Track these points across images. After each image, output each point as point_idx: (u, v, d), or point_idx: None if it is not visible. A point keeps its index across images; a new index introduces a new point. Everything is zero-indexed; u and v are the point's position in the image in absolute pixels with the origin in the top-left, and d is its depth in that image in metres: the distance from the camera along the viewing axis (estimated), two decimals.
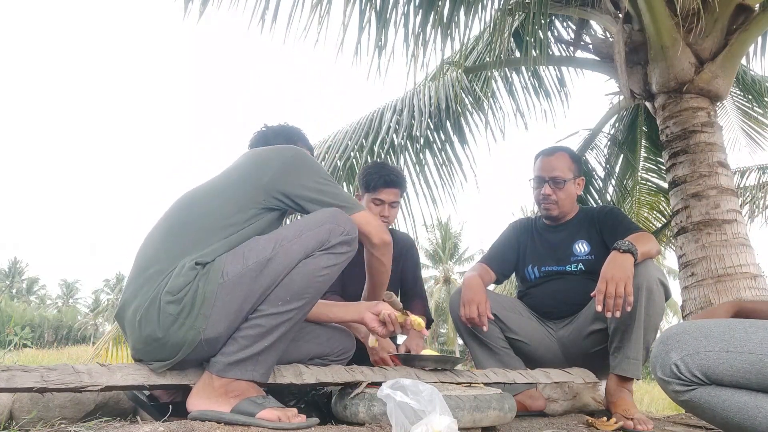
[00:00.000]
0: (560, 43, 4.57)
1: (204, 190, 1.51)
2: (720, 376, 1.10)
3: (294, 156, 1.50)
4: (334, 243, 1.36)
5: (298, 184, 1.45)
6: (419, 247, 3.31)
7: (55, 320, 38.68)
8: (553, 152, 2.32)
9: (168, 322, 1.27)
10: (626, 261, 1.84)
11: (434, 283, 36.38)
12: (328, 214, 1.40)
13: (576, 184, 2.32)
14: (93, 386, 1.22)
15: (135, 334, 1.32)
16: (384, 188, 2.33)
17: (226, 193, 1.45)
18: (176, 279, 1.29)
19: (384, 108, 4.58)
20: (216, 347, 1.31)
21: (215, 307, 1.27)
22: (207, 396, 1.31)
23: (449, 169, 4.49)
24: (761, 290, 2.99)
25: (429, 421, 1.14)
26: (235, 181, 1.48)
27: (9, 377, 1.16)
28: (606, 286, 1.80)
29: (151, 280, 1.33)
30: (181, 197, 1.54)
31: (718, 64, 3.32)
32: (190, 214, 1.45)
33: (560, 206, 2.29)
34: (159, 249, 1.39)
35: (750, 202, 6.57)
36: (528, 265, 2.33)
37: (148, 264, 1.37)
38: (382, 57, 3.33)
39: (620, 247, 1.88)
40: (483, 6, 3.50)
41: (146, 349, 1.31)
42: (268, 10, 3.25)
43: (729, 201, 3.16)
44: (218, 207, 1.43)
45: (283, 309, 1.32)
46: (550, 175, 2.27)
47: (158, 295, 1.29)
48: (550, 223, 2.37)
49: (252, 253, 1.32)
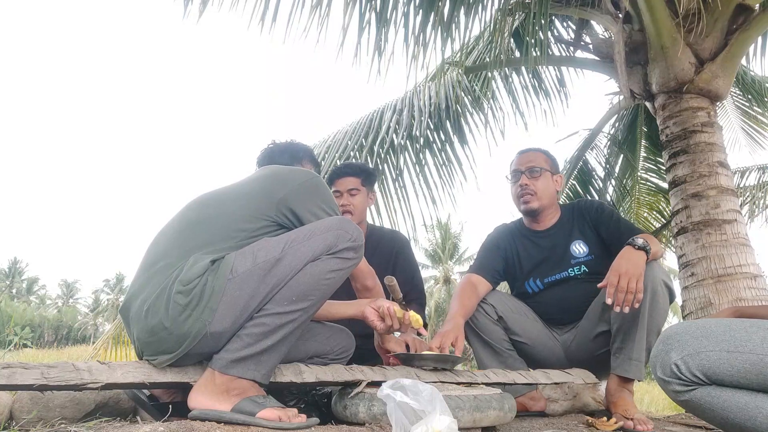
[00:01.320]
0: (560, 43, 4.58)
1: (221, 194, 1.57)
2: (720, 376, 1.10)
3: (310, 180, 1.58)
4: (341, 248, 1.39)
5: (305, 205, 1.52)
6: (419, 247, 3.29)
7: (55, 320, 38.71)
8: (527, 150, 2.34)
9: (176, 312, 1.29)
10: (640, 258, 1.84)
11: (434, 283, 36.39)
12: (336, 221, 1.44)
13: (554, 180, 2.28)
14: (93, 383, 1.22)
15: (141, 325, 1.34)
16: (337, 179, 2.46)
17: (242, 201, 1.51)
18: (188, 271, 1.32)
19: (384, 108, 4.58)
20: (220, 342, 1.32)
21: (222, 302, 1.30)
22: (208, 393, 1.31)
23: (449, 169, 4.49)
24: (761, 290, 2.99)
25: (429, 421, 1.14)
26: (252, 192, 1.53)
27: (9, 374, 1.16)
28: (618, 279, 1.78)
29: (160, 272, 1.37)
30: (197, 197, 1.60)
31: (718, 64, 3.33)
32: (204, 213, 1.50)
33: (539, 197, 2.22)
34: (171, 244, 1.44)
35: (750, 202, 6.56)
36: (528, 279, 2.26)
37: (158, 258, 1.41)
38: (382, 57, 3.33)
39: (635, 243, 1.87)
40: (483, 6, 3.50)
41: (151, 339, 1.33)
42: (268, 10, 3.26)
43: (729, 201, 3.16)
44: (233, 211, 1.48)
45: (288, 309, 1.33)
46: (527, 166, 2.26)
47: (168, 285, 1.32)
48: (536, 226, 2.29)
49: (262, 252, 1.36)
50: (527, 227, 2.33)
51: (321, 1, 3.16)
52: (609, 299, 1.79)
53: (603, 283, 1.83)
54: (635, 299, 1.78)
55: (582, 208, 2.27)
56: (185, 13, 3.13)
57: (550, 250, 2.24)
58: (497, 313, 2.13)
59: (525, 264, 2.27)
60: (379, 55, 3.33)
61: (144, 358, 1.37)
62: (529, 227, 2.32)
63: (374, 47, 3.32)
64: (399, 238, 2.57)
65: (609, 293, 1.79)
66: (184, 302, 1.30)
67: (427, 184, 4.43)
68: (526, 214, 2.31)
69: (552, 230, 2.27)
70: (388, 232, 2.64)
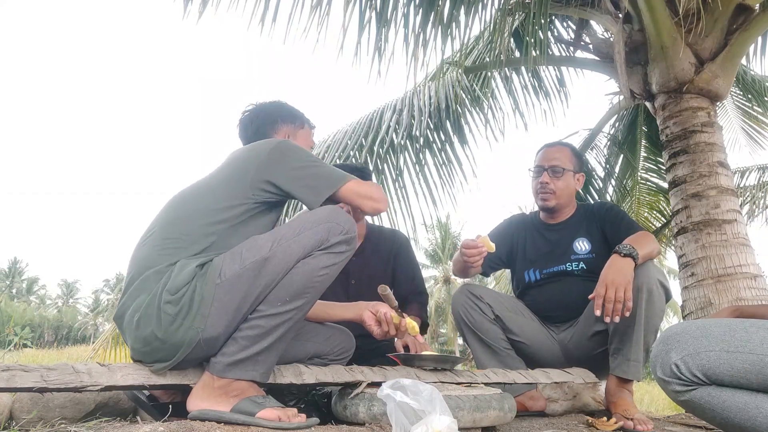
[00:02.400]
0: (560, 43, 4.57)
1: (192, 190, 1.52)
2: (720, 376, 1.10)
3: (276, 146, 1.49)
4: (334, 242, 1.35)
5: (282, 171, 1.45)
6: (419, 247, 3.29)
7: (55, 320, 38.69)
8: (554, 144, 2.36)
9: (167, 322, 1.27)
10: (626, 265, 1.83)
11: (434, 283, 36.36)
12: (326, 212, 1.39)
13: (576, 179, 2.31)
14: (93, 386, 1.22)
15: (134, 335, 1.32)
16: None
17: (216, 191, 1.46)
18: (175, 279, 1.29)
19: (384, 108, 4.57)
20: (215, 347, 1.31)
21: (213, 307, 1.27)
22: (207, 396, 1.30)
23: (449, 169, 4.48)
24: (761, 290, 2.99)
25: (429, 421, 1.14)
26: (224, 179, 1.48)
27: (9, 377, 1.16)
28: (605, 290, 1.79)
29: (148, 281, 1.33)
30: (171, 198, 1.54)
31: (718, 64, 3.32)
32: (183, 211, 1.45)
33: (557, 197, 2.26)
34: (153, 251, 1.39)
35: (750, 202, 6.56)
36: (529, 268, 2.29)
37: (144, 266, 1.37)
38: (382, 57, 3.33)
39: (621, 251, 1.87)
40: (483, 6, 3.50)
41: (145, 349, 1.31)
42: (268, 10, 3.25)
43: (729, 201, 3.15)
44: (207, 205, 1.43)
45: (283, 309, 1.31)
46: (550, 164, 2.27)
47: (157, 295, 1.29)
48: (549, 220, 2.34)
49: (250, 252, 1.32)
50: (541, 219, 2.39)
51: (321, 1, 3.15)
52: (597, 311, 1.80)
53: (592, 295, 1.84)
54: (624, 308, 1.78)
55: (594, 209, 2.31)
56: (185, 13, 3.13)
57: (554, 244, 2.28)
58: (494, 312, 2.14)
59: (529, 253, 2.32)
60: (379, 55, 3.33)
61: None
62: (542, 220, 2.38)
63: (374, 47, 3.32)
64: (399, 237, 2.55)
65: (597, 305, 1.80)
66: (174, 312, 1.27)
67: (427, 184, 4.43)
68: (543, 210, 2.36)
69: (562, 225, 2.31)
70: (388, 231, 2.62)
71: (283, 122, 1.76)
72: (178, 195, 1.54)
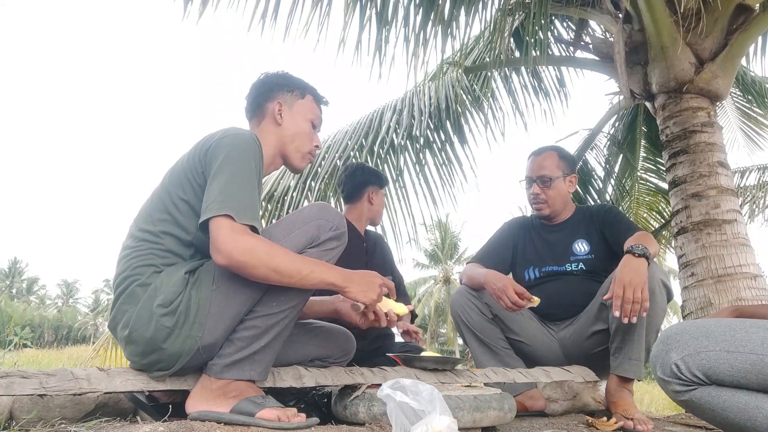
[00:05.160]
0: (560, 43, 4.57)
1: (151, 194, 1.46)
2: (720, 376, 1.10)
3: (222, 137, 1.38)
4: (324, 239, 1.36)
5: (215, 165, 1.33)
6: (419, 247, 3.30)
7: (55, 320, 38.65)
8: (540, 152, 2.35)
9: (164, 335, 1.25)
10: (641, 265, 1.83)
11: (434, 283, 36.35)
12: (315, 209, 1.39)
13: (568, 182, 2.32)
14: (92, 392, 1.21)
15: (130, 349, 1.31)
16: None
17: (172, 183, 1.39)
18: (167, 290, 1.26)
19: (384, 108, 4.57)
20: (214, 352, 1.31)
21: (210, 314, 1.27)
22: (206, 398, 1.30)
23: (449, 169, 4.49)
24: (761, 290, 2.99)
25: (429, 421, 1.13)
26: (184, 173, 1.40)
27: (8, 384, 1.15)
28: (624, 290, 1.78)
29: (134, 295, 1.30)
30: (148, 198, 1.47)
31: (718, 64, 3.32)
32: (140, 226, 1.39)
33: (550, 205, 2.29)
34: (139, 259, 1.34)
35: (750, 202, 6.56)
36: (528, 267, 2.31)
37: (127, 277, 1.33)
38: (383, 57, 3.33)
39: (635, 251, 1.86)
40: (483, 5, 3.50)
41: (144, 362, 1.30)
42: (268, 10, 3.25)
43: (729, 201, 3.15)
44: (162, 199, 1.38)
45: (278, 309, 1.32)
46: (537, 174, 2.29)
47: (148, 308, 1.26)
48: (547, 222, 2.36)
49: None
50: (540, 221, 2.41)
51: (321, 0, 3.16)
52: (617, 312, 1.78)
53: (609, 296, 1.83)
54: (642, 308, 1.78)
55: (593, 211, 2.33)
56: (185, 13, 3.12)
57: (554, 244, 2.30)
58: (492, 312, 2.14)
59: (528, 253, 2.34)
60: (379, 55, 3.33)
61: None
62: (542, 221, 2.40)
63: (375, 47, 3.32)
64: (372, 234, 2.58)
65: (616, 306, 1.79)
66: (171, 323, 1.25)
67: (427, 184, 4.43)
68: (540, 218, 2.39)
69: (561, 226, 2.33)
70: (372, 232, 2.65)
71: (279, 90, 1.58)
72: (151, 196, 1.46)
